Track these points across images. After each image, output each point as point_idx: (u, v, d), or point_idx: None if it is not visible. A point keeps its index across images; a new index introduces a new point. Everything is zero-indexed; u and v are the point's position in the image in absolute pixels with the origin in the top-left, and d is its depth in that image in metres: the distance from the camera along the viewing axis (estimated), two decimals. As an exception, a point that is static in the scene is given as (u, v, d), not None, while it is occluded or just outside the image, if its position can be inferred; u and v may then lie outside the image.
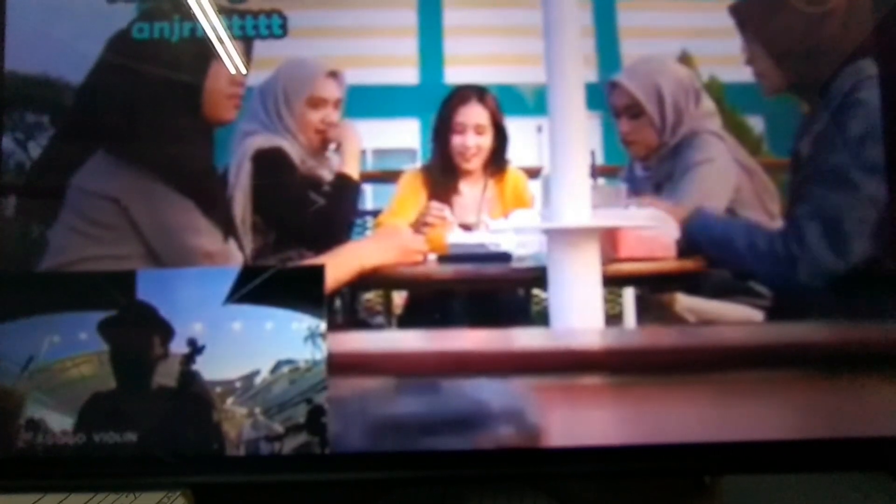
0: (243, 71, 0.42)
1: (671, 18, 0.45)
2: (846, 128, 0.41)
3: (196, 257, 0.41)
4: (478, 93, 0.47)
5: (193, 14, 0.41)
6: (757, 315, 0.42)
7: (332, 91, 0.45)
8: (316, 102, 0.45)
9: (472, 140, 0.48)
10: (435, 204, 0.47)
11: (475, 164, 0.49)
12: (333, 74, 0.44)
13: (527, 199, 0.48)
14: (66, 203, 0.41)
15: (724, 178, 0.45)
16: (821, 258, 0.40)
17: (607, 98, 0.47)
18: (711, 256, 0.43)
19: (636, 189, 0.47)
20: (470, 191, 0.50)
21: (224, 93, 0.43)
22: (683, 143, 0.47)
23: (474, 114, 0.47)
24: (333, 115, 0.45)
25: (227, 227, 0.42)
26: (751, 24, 0.44)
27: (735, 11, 0.44)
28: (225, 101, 0.43)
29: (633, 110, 0.47)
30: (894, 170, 0.40)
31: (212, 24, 0.41)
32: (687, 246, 0.43)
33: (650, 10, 0.45)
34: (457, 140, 0.48)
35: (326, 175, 0.46)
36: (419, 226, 0.47)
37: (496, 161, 0.49)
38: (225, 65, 0.42)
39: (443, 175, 0.49)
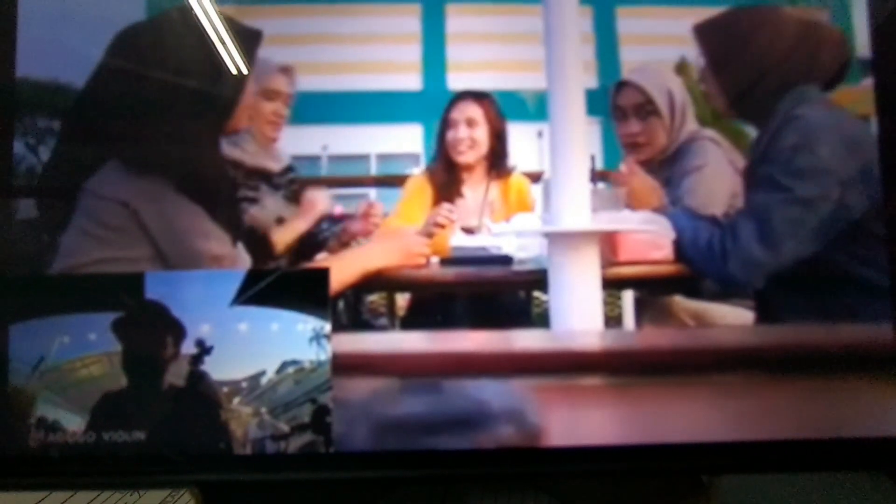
0: (245, 71, 0.43)
1: (670, 26, 0.46)
2: (785, 139, 0.43)
3: (204, 261, 0.41)
4: (475, 94, 0.48)
5: (200, 19, 0.42)
6: (751, 316, 0.42)
7: (283, 85, 0.46)
8: (269, 94, 0.46)
9: (464, 132, 0.49)
10: (446, 205, 0.48)
11: (470, 157, 0.50)
12: (285, 70, 0.45)
13: (530, 204, 0.48)
14: (78, 207, 0.41)
15: (721, 184, 0.45)
16: (751, 253, 0.42)
17: (614, 99, 0.48)
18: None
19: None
20: (472, 194, 0.50)
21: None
22: (682, 149, 0.47)
23: (466, 109, 0.49)
24: (283, 109, 0.46)
25: (236, 232, 0.43)
26: (707, 46, 0.45)
27: (697, 31, 0.45)
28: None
29: (647, 108, 0.48)
30: (890, 178, 0.40)
31: (216, 27, 0.42)
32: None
33: (649, 17, 0.46)
34: (450, 134, 0.49)
35: (273, 166, 0.46)
36: (429, 226, 0.47)
37: (497, 163, 0.50)
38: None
39: (445, 175, 0.49)
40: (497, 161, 0.50)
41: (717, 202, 0.45)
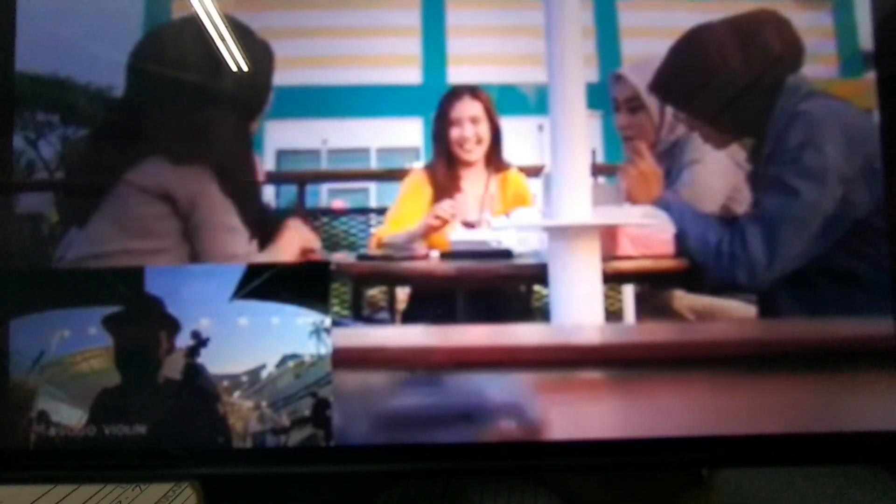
0: (245, 69, 0.43)
1: (672, 18, 0.45)
2: (792, 138, 0.43)
3: (226, 257, 0.42)
4: (469, 89, 0.48)
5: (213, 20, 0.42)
6: (753, 311, 0.42)
7: None
8: None
9: (470, 130, 0.49)
10: (447, 200, 0.48)
11: (476, 154, 0.50)
12: None
13: (527, 199, 0.48)
14: (112, 197, 0.41)
15: (717, 179, 0.45)
16: (759, 261, 0.42)
17: (609, 90, 0.48)
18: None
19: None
20: (471, 189, 0.50)
21: None
22: (679, 142, 0.47)
23: (468, 107, 0.48)
24: None
25: (254, 229, 0.43)
26: (673, 98, 0.46)
27: (656, 89, 0.45)
28: None
29: (633, 104, 0.48)
30: (892, 171, 0.40)
31: (216, 26, 0.42)
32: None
33: (651, 9, 0.46)
34: (455, 132, 0.49)
35: None
36: (430, 219, 0.47)
37: (495, 158, 0.50)
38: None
39: (445, 172, 0.49)
40: (495, 155, 0.50)
41: (713, 197, 0.45)
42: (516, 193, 0.49)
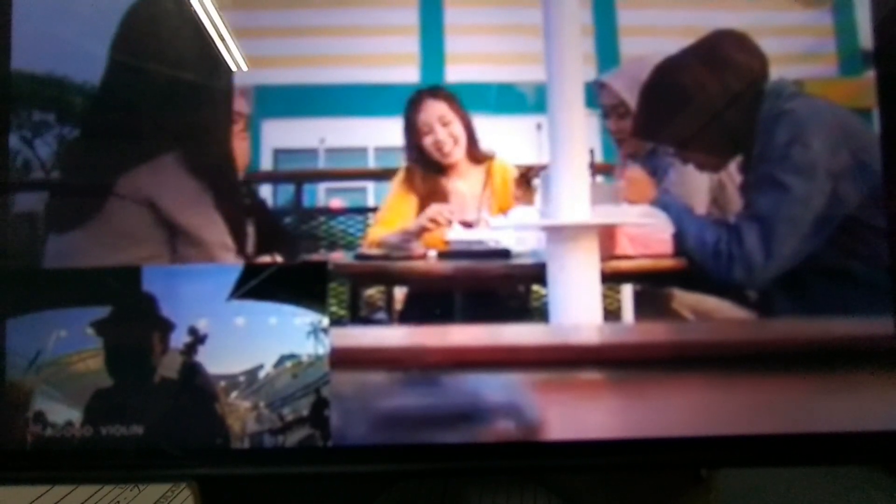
0: (244, 69, 0.43)
1: (671, 17, 0.45)
2: (780, 136, 0.43)
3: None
4: (428, 91, 0.47)
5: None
6: (751, 311, 0.42)
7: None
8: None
9: (443, 133, 0.48)
10: (446, 206, 0.48)
11: (457, 156, 0.49)
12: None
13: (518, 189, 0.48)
14: (98, 209, 0.41)
15: (702, 176, 0.45)
16: (755, 259, 0.42)
17: (596, 97, 0.48)
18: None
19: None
20: (469, 189, 0.50)
21: None
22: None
23: (434, 109, 0.48)
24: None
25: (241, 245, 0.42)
26: (657, 137, 0.46)
27: (639, 133, 0.45)
28: None
29: (620, 110, 0.48)
30: (891, 170, 0.40)
31: (214, 22, 0.42)
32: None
33: (650, 8, 0.46)
34: (428, 139, 0.49)
35: None
36: (425, 221, 0.47)
37: (475, 152, 0.49)
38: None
39: (433, 176, 0.49)
40: (474, 150, 0.49)
41: (699, 192, 0.45)
42: (505, 184, 0.49)
